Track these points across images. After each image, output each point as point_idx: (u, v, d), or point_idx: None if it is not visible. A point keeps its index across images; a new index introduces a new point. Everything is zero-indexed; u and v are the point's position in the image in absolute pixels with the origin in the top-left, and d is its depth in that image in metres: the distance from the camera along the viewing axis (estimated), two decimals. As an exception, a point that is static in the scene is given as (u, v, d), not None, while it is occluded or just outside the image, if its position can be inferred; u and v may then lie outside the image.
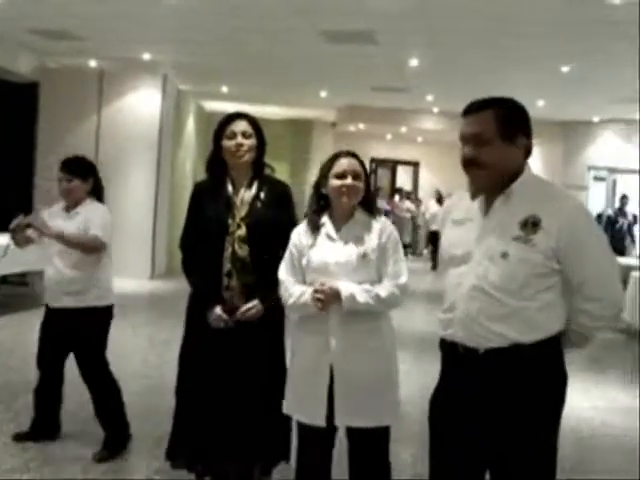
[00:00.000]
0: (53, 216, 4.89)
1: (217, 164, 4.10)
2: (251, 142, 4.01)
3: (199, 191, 4.20)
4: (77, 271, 4.78)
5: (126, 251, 12.68)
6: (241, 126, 4.01)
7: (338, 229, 3.62)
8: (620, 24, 7.90)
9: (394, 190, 22.40)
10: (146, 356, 7.96)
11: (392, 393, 3.65)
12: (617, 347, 9.89)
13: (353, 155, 3.68)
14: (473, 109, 2.90)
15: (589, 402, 7.13)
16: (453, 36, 9.05)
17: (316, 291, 3.48)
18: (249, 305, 3.94)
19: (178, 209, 12.92)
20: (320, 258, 3.58)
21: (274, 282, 3.75)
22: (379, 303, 3.50)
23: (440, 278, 3.26)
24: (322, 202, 3.68)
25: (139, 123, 13.20)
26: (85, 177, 4.91)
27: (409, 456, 5.08)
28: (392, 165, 23.56)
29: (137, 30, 9.93)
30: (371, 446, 3.63)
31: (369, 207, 3.69)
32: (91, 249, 4.79)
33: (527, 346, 2.81)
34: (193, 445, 4.08)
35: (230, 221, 3.98)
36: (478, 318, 2.84)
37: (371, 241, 3.58)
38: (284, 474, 4.30)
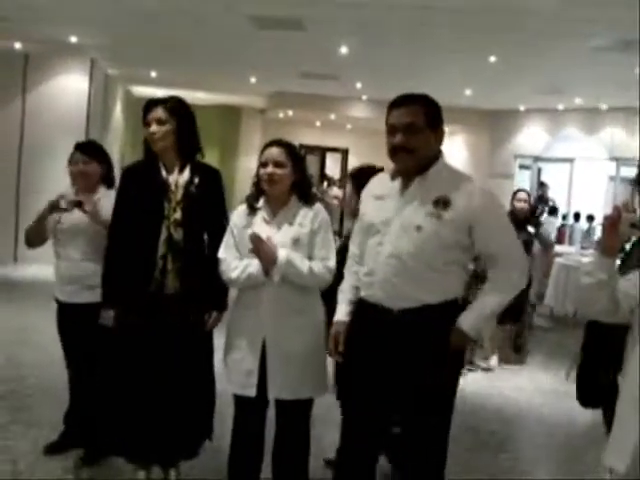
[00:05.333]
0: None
1: (149, 148, 4.09)
2: (165, 128, 4.02)
3: (129, 175, 4.18)
4: (94, 264, 4.42)
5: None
6: (155, 114, 4.03)
7: (274, 214, 3.81)
8: (545, 17, 8.06)
9: (323, 177, 22.45)
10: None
11: (321, 367, 3.86)
12: (541, 331, 10.13)
13: (281, 144, 3.83)
14: (403, 102, 3.31)
15: (515, 383, 7.34)
16: (382, 24, 9.10)
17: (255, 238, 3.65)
18: (211, 320, 4.07)
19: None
20: None
21: (218, 285, 3.95)
22: (310, 275, 3.71)
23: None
24: (257, 188, 3.86)
25: (66, 108, 12.92)
26: (101, 162, 4.72)
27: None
28: (321, 152, 23.57)
29: (64, 12, 9.73)
30: (296, 416, 3.85)
31: (303, 194, 3.84)
32: None
33: (434, 306, 3.25)
34: (118, 432, 4.07)
35: (166, 204, 4.00)
36: (393, 281, 3.27)
37: (304, 227, 3.76)
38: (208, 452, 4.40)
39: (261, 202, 3.85)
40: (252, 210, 3.85)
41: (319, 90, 16.15)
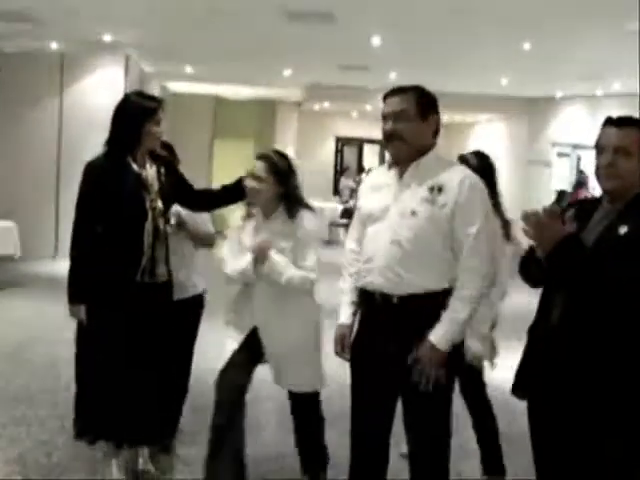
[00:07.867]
0: None
1: (129, 144, 4.14)
2: None
3: (97, 170, 4.18)
4: None
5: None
6: (162, 114, 4.19)
7: (263, 222, 4.10)
8: (578, 1, 7.95)
9: (361, 169, 22.39)
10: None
11: (313, 363, 4.08)
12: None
13: (264, 157, 4.08)
14: (396, 92, 3.42)
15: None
16: (415, 14, 9.04)
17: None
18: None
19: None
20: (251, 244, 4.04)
21: None
22: (289, 281, 3.95)
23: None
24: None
25: (102, 105, 12.93)
26: None
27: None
28: (358, 143, 23.54)
29: (98, 11, 9.79)
30: (303, 408, 4.21)
31: (289, 206, 4.05)
32: None
33: (434, 293, 3.29)
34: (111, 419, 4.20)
35: (146, 196, 4.12)
36: (393, 267, 3.30)
37: (285, 238, 4.01)
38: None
39: (256, 209, 4.12)
40: (248, 216, 4.16)
41: (354, 81, 16.11)
